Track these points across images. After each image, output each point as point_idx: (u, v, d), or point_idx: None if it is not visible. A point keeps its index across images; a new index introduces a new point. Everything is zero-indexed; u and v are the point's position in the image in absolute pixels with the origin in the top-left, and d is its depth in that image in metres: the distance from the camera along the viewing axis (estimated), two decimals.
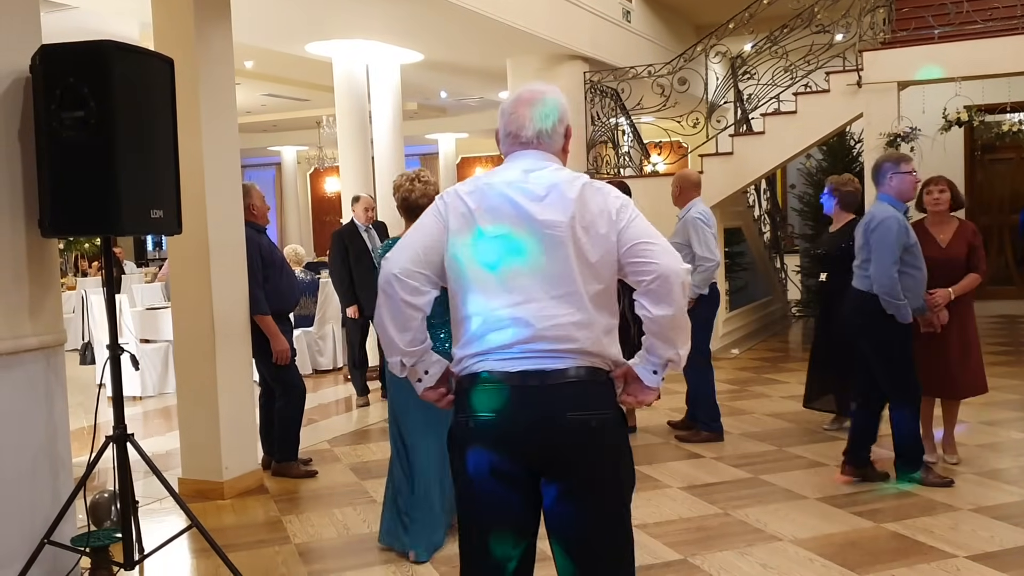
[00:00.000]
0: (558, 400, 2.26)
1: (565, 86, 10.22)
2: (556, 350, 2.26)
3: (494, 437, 2.29)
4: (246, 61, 11.34)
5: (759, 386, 8.08)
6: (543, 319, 2.26)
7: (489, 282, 2.29)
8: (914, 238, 4.80)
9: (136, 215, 3.72)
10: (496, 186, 2.34)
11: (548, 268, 2.27)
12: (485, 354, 2.30)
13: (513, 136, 2.41)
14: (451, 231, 2.33)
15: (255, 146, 19.54)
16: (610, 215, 2.30)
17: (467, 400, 2.34)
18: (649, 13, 11.91)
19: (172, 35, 5.26)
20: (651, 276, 2.28)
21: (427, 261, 2.34)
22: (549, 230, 2.27)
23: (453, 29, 9.03)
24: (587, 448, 2.27)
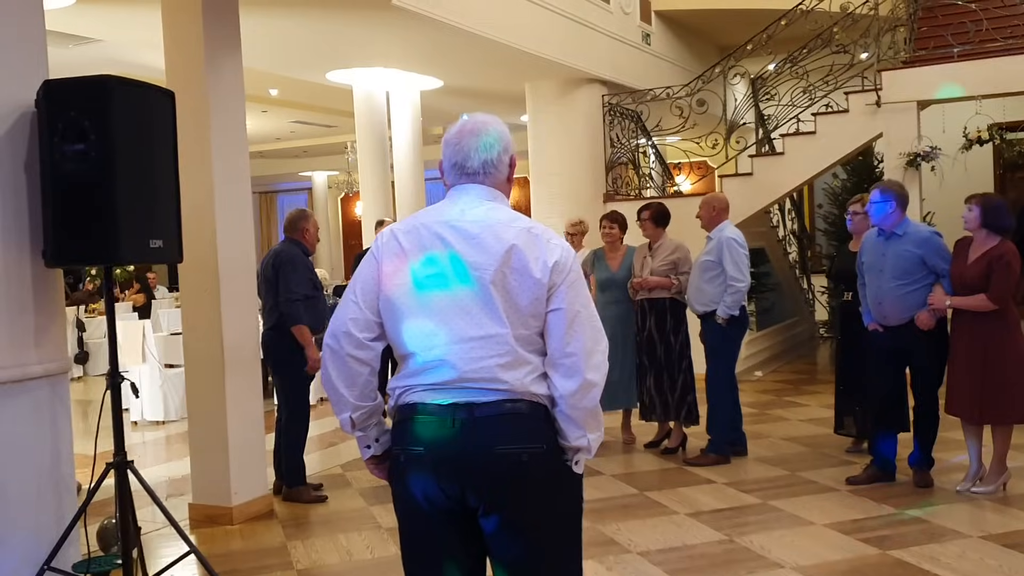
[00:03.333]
0: (487, 433, 2.24)
1: (584, 109, 10.31)
2: (484, 389, 2.25)
3: (425, 470, 2.28)
4: (271, 89, 11.52)
5: (779, 409, 8.00)
6: (468, 360, 2.24)
7: (419, 322, 2.28)
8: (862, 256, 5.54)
9: (135, 245, 3.79)
10: (431, 225, 2.32)
11: (475, 310, 2.25)
12: (417, 386, 2.29)
13: (458, 167, 2.39)
14: (384, 272, 2.32)
15: (287, 171, 19.78)
16: (545, 263, 2.26)
17: (399, 432, 2.34)
18: (669, 35, 11.93)
19: (183, 66, 5.36)
20: (568, 349, 2.27)
21: (369, 311, 2.34)
22: (477, 271, 2.25)
23: (471, 56, 9.12)
24: (517, 482, 2.25)
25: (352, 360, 2.34)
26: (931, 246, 5.26)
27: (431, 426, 2.27)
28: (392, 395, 2.37)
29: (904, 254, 5.28)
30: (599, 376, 2.31)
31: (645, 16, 11.37)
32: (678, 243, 6.41)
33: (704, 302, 6.18)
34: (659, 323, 6.39)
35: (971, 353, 5.03)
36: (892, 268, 5.30)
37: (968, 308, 5.01)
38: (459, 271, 2.27)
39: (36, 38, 4.06)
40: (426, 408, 2.28)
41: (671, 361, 6.39)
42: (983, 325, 4.98)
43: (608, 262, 6.66)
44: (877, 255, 5.41)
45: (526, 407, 2.28)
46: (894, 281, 5.30)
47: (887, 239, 5.37)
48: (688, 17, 11.90)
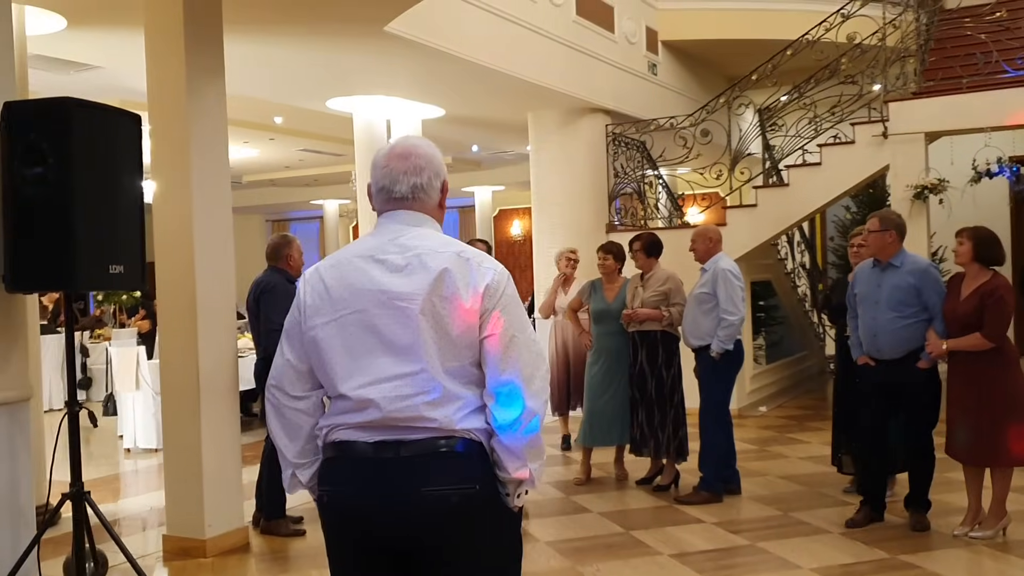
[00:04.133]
0: (413, 473, 2.12)
1: (587, 138, 10.23)
2: (412, 427, 2.13)
3: (349, 513, 2.18)
4: (276, 117, 11.51)
5: (779, 446, 7.80)
6: (392, 400, 2.13)
7: (343, 361, 2.17)
8: (855, 288, 5.36)
9: (93, 271, 3.71)
10: (355, 260, 2.22)
11: (399, 344, 2.14)
12: (343, 424, 2.19)
13: (386, 192, 2.28)
14: (308, 311, 2.22)
15: (298, 200, 19.80)
16: (475, 289, 2.15)
17: (324, 472, 2.25)
18: (676, 65, 11.85)
19: (164, 92, 5.30)
20: (504, 377, 2.16)
21: (300, 361, 2.25)
22: (402, 302, 2.14)
23: (473, 85, 9.07)
24: (446, 525, 2.13)
25: (292, 412, 2.27)
26: (928, 278, 5.10)
27: (356, 466, 2.16)
28: (320, 433, 2.26)
29: (901, 285, 5.12)
30: (538, 404, 2.19)
31: (652, 46, 11.31)
32: (669, 273, 6.27)
33: (699, 335, 6.03)
34: (650, 356, 6.24)
35: (967, 392, 4.86)
36: (888, 300, 5.14)
37: (964, 349, 4.83)
38: (383, 305, 2.16)
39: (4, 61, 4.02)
40: (352, 447, 2.18)
41: (663, 395, 6.23)
42: (979, 363, 4.80)
43: (605, 293, 6.53)
44: (872, 286, 5.26)
45: (458, 445, 2.15)
46: (891, 313, 5.13)
47: (883, 270, 5.22)
48: (696, 47, 11.83)
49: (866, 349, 5.29)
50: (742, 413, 9.44)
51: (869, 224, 5.36)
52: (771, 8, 11.24)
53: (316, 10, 6.36)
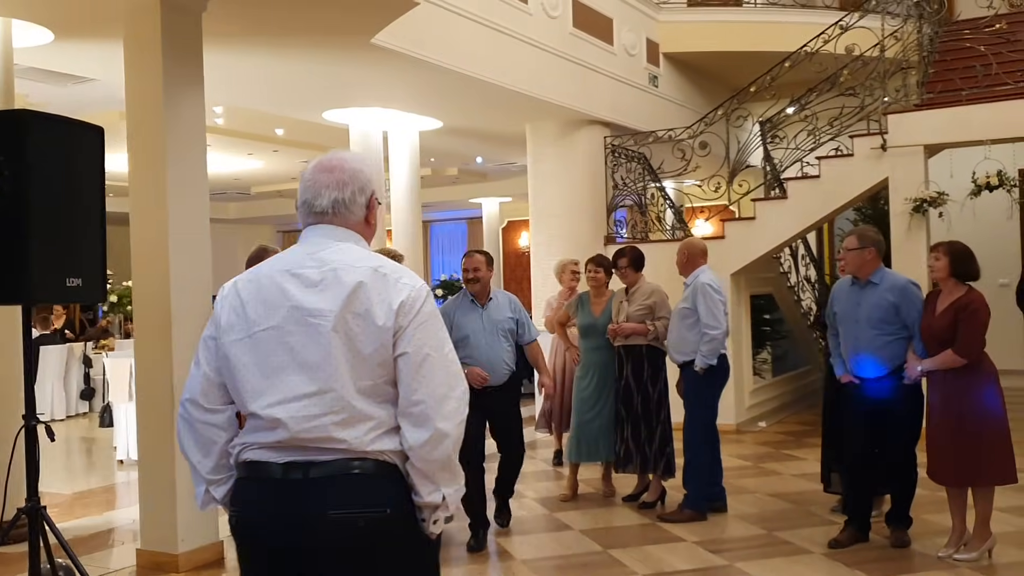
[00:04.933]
0: (321, 496, 2.06)
1: (585, 150, 10.17)
2: (321, 448, 2.07)
3: (257, 535, 2.14)
4: (277, 128, 11.52)
5: (773, 463, 7.68)
6: (300, 420, 2.07)
7: (254, 378, 2.13)
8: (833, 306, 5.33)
9: (49, 284, 3.68)
10: (272, 274, 2.18)
11: (309, 363, 2.09)
12: (254, 444, 2.14)
13: (308, 206, 2.24)
14: (223, 327, 2.18)
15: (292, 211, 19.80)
16: (389, 305, 2.09)
17: (235, 493, 2.21)
18: (678, 77, 11.77)
19: (141, 104, 5.30)
20: (416, 397, 2.09)
21: (214, 374, 2.20)
22: (315, 319, 2.09)
23: (469, 97, 9.03)
24: (353, 551, 2.06)
25: (204, 426, 2.21)
26: (907, 295, 5.00)
27: (264, 487, 2.11)
28: (233, 451, 2.22)
29: (881, 303, 5.03)
30: (452, 425, 2.12)
31: (652, 58, 11.24)
32: (654, 287, 6.20)
33: (684, 351, 5.93)
34: (636, 371, 6.16)
35: (945, 409, 4.75)
36: (868, 318, 5.06)
37: (939, 368, 4.73)
38: (297, 322, 2.11)
39: None
40: (260, 468, 2.12)
41: (648, 411, 6.14)
42: (956, 380, 4.70)
43: (592, 307, 6.42)
44: (851, 304, 5.17)
45: (369, 467, 2.09)
46: (871, 331, 5.05)
47: (862, 288, 5.13)
48: (698, 59, 11.75)
49: (849, 367, 5.20)
50: (741, 428, 9.34)
51: (847, 242, 5.28)
52: (774, 20, 11.19)
53: (299, 22, 6.33)
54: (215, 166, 13.74)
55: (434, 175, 15.50)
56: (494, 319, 5.46)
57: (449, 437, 2.11)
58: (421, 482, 2.13)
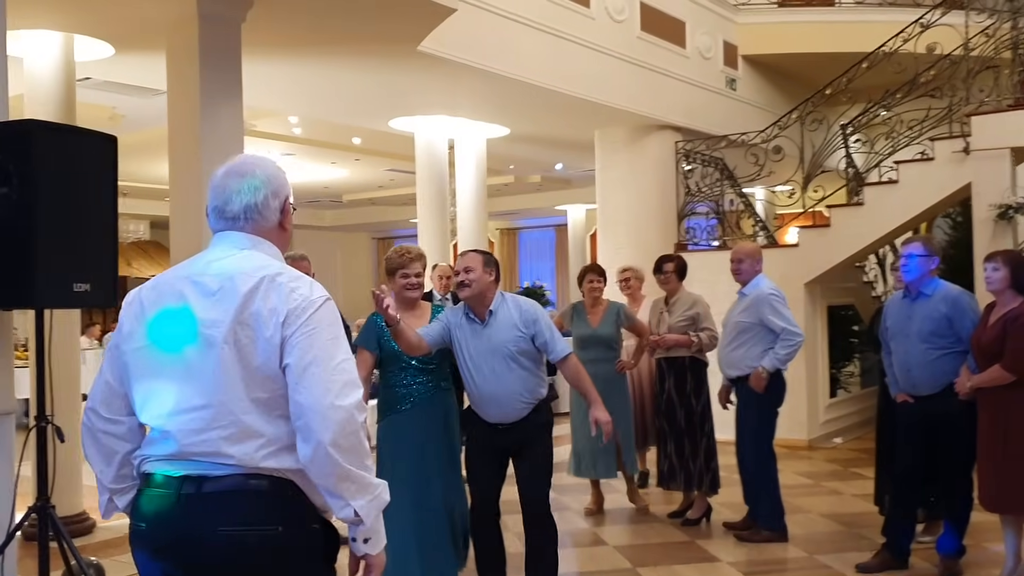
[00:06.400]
0: (212, 511, 2.00)
1: (655, 156, 9.98)
2: (214, 462, 2.02)
3: (147, 549, 2.09)
4: (354, 138, 11.69)
5: (836, 481, 7.34)
6: (188, 434, 2.03)
7: (147, 388, 2.10)
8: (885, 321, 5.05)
9: (55, 289, 3.76)
10: (174, 280, 2.14)
11: (199, 374, 2.03)
12: (151, 456, 2.11)
13: (218, 211, 2.20)
14: (123, 334, 2.15)
15: (401, 218, 20.04)
16: (277, 314, 2.02)
17: (132, 505, 2.16)
18: (758, 79, 11.43)
19: (181, 113, 5.44)
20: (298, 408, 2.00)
21: (117, 382, 2.17)
22: (207, 330, 2.04)
23: (534, 104, 8.97)
24: (240, 569, 2.01)
25: (105, 436, 2.18)
26: (960, 306, 4.69)
27: (155, 500, 2.07)
28: (134, 462, 2.18)
29: (932, 315, 4.73)
30: (340, 436, 1.98)
31: (730, 61, 10.95)
32: (696, 297, 5.99)
33: (739, 366, 5.63)
34: (678, 384, 5.96)
35: (992, 429, 4.42)
36: (919, 332, 4.76)
37: (986, 384, 4.41)
38: (190, 331, 2.06)
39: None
40: (154, 480, 2.09)
41: (692, 425, 5.94)
42: (1003, 397, 4.37)
43: (588, 317, 6.12)
44: (902, 318, 4.88)
45: (264, 484, 2.03)
46: (922, 344, 4.75)
47: (913, 300, 4.84)
48: (779, 61, 11.39)
49: (902, 386, 4.92)
50: (813, 444, 8.97)
51: (911, 247, 4.96)
52: (861, 20, 10.72)
53: (339, 31, 6.41)
54: (301, 175, 14.10)
55: (517, 182, 15.50)
56: (495, 340, 4.13)
57: (338, 448, 1.98)
58: (329, 499, 2.06)
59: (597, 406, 4.22)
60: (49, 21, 5.92)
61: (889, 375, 5.08)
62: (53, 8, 5.67)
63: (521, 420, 4.18)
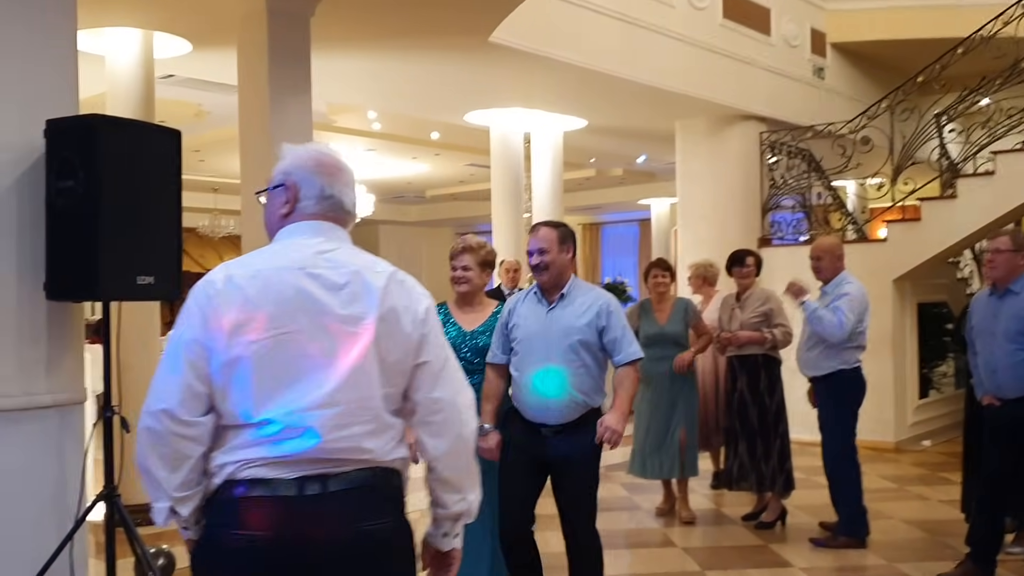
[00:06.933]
0: (341, 509, 1.94)
1: (738, 147, 9.73)
2: (339, 459, 1.96)
3: (268, 559, 1.92)
4: (432, 132, 11.71)
5: (923, 486, 7.02)
6: (331, 429, 1.94)
7: (273, 386, 1.95)
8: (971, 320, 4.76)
9: (119, 281, 3.81)
10: (283, 272, 1.99)
11: (340, 369, 1.96)
12: (257, 460, 1.94)
13: (331, 201, 2.10)
14: (225, 328, 1.95)
15: (478, 213, 20.12)
16: (415, 313, 2.05)
17: (230, 514, 1.95)
18: (848, 68, 11.04)
19: (251, 108, 5.50)
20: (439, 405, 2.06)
21: (199, 382, 1.96)
22: (351, 327, 1.98)
23: (616, 97, 8.85)
24: (375, 565, 1.98)
25: (179, 440, 1.95)
26: None
27: (278, 505, 1.93)
28: (217, 472, 1.99)
29: (1020, 313, 4.47)
30: (471, 431, 2.12)
31: (818, 49, 10.60)
32: (769, 292, 5.79)
33: (816, 366, 5.42)
34: (752, 383, 5.76)
35: None
36: (1005, 331, 4.51)
37: None
38: (327, 326, 1.98)
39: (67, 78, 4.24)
40: (270, 484, 1.93)
41: (766, 425, 5.74)
42: None
43: (655, 314, 5.96)
44: (988, 317, 4.63)
45: (381, 477, 2.02)
46: (1009, 344, 4.49)
47: (1001, 298, 4.58)
48: (870, 49, 10.97)
49: (987, 387, 4.66)
50: (900, 447, 8.62)
51: (997, 242, 4.70)
52: (951, 4, 10.23)
53: (411, 24, 6.39)
54: (382, 170, 14.22)
55: (599, 176, 15.35)
56: (563, 324, 3.71)
57: (470, 443, 2.11)
58: (447, 493, 2.10)
59: (617, 414, 3.67)
60: (128, 18, 6.06)
61: (975, 376, 4.83)
62: (130, 5, 5.80)
63: (569, 429, 3.68)
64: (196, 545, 2.05)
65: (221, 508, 1.98)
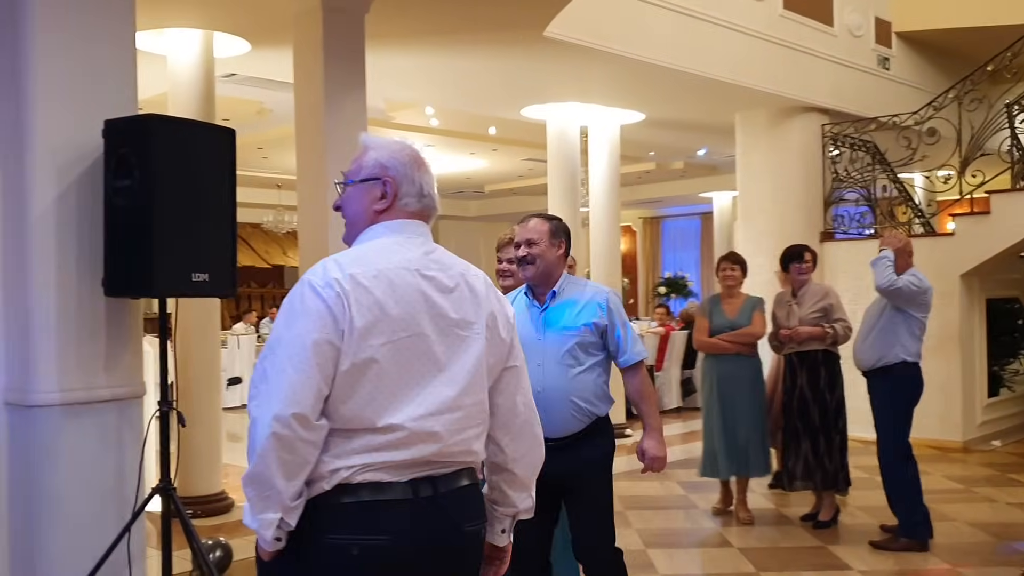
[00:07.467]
0: (454, 511, 1.98)
1: (799, 139, 9.56)
2: (446, 462, 1.97)
3: (389, 563, 1.89)
4: (490, 127, 11.70)
5: (990, 488, 6.81)
6: (453, 432, 1.96)
7: (398, 390, 1.91)
8: None
9: (173, 278, 3.87)
10: (401, 273, 1.96)
11: (459, 371, 1.98)
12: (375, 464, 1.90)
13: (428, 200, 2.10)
14: (359, 330, 1.87)
15: (537, 208, 20.08)
16: (508, 318, 2.09)
17: (350, 519, 1.89)
18: (914, 57, 10.75)
19: (307, 105, 5.54)
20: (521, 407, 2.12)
21: (325, 384, 1.87)
22: (463, 331, 2.00)
23: (674, 89, 8.74)
24: (474, 565, 2.06)
25: (304, 446, 1.86)
26: None
27: (397, 508, 1.91)
28: (327, 476, 1.90)
29: None
30: (541, 432, 2.20)
31: (883, 39, 10.34)
32: (827, 287, 5.68)
33: (875, 357, 5.31)
34: (812, 379, 5.64)
35: None
36: None
37: None
38: (441, 329, 1.98)
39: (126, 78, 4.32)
40: (388, 488, 1.90)
41: (827, 422, 5.62)
42: None
43: (724, 308, 5.86)
44: None
45: (474, 477, 2.08)
46: None
47: None
48: (938, 38, 10.66)
49: None
50: (969, 447, 8.38)
51: None
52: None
53: (464, 19, 6.38)
54: (442, 166, 14.27)
55: (659, 169, 15.18)
56: (558, 326, 3.37)
57: (542, 443, 2.19)
58: (518, 492, 2.16)
59: (652, 434, 3.43)
60: (188, 18, 6.16)
61: None
62: (189, 5, 5.89)
63: (573, 442, 3.31)
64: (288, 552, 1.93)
65: (334, 513, 1.90)
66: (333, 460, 1.90)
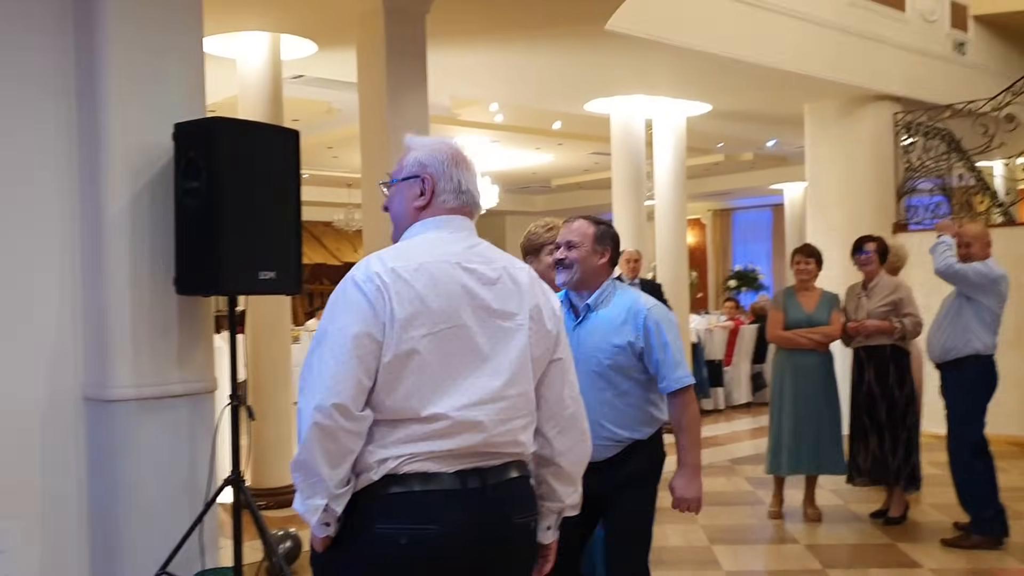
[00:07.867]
0: (503, 502, 2.01)
1: (870, 129, 9.38)
2: (493, 453, 2.01)
3: (438, 554, 1.93)
4: (555, 122, 11.70)
5: None
6: (497, 423, 1.99)
7: (441, 381, 1.95)
8: None
9: (240, 276, 3.98)
10: (442, 266, 1.99)
11: (505, 362, 2.02)
12: (421, 454, 1.94)
13: (469, 196, 2.12)
14: (400, 321, 1.92)
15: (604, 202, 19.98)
16: (554, 311, 2.12)
17: (397, 509, 1.92)
18: (992, 41, 10.41)
19: (370, 104, 5.65)
20: (569, 400, 2.14)
21: (366, 375, 1.91)
22: (506, 322, 2.03)
23: (740, 80, 8.64)
24: (528, 556, 2.11)
25: (347, 435, 1.90)
26: None
27: (445, 499, 1.94)
28: (375, 467, 1.95)
29: None
30: (588, 426, 2.21)
31: (959, 23, 10.05)
32: (898, 281, 5.54)
33: (946, 348, 5.17)
34: (880, 375, 5.54)
35: None
36: None
37: None
38: (483, 321, 2.01)
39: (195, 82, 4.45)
40: (435, 479, 1.94)
41: (895, 419, 5.51)
42: None
43: (799, 301, 5.75)
44: None
45: (525, 469, 2.12)
46: None
47: None
48: (1017, 20, 10.31)
49: None
50: None
51: None
52: None
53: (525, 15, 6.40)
54: (508, 161, 14.33)
55: (728, 161, 15.02)
56: (586, 344, 3.03)
57: (589, 436, 2.20)
58: (565, 486, 2.16)
59: (685, 472, 3.10)
60: (255, 22, 6.30)
61: None
62: (256, 9, 6.03)
63: (607, 466, 2.98)
64: (338, 542, 2.00)
65: (382, 503, 1.94)
66: (379, 450, 1.95)
